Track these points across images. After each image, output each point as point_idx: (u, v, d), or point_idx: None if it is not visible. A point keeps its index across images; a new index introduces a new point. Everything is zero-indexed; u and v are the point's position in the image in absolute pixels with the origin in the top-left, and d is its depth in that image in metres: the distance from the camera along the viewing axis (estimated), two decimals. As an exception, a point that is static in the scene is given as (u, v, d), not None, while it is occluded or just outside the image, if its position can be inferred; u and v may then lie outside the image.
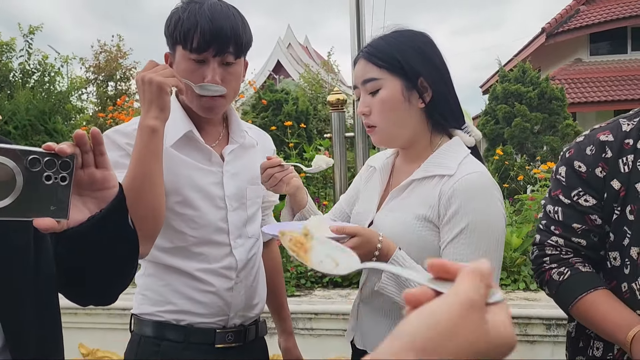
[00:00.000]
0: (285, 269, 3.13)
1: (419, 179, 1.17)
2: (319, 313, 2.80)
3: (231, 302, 1.34)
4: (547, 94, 6.30)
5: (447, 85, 1.21)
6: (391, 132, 1.20)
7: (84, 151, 0.74)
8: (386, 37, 1.21)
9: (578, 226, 1.12)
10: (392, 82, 1.16)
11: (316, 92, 12.20)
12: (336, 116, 3.86)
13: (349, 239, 1.05)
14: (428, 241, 1.13)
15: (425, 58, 1.18)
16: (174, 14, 1.25)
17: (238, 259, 1.35)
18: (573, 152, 1.15)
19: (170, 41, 1.26)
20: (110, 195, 0.78)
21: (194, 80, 1.23)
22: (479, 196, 1.09)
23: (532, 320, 2.67)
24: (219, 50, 1.21)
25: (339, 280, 3.13)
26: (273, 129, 5.20)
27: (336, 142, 3.90)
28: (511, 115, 6.32)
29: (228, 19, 1.22)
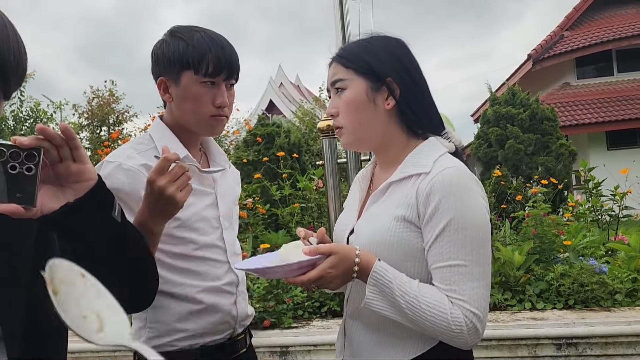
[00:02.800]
0: (282, 300, 3.02)
1: (396, 180, 1.13)
2: (318, 344, 2.68)
3: (236, 315, 1.39)
4: (538, 115, 6.31)
5: (420, 89, 1.17)
6: (358, 134, 1.17)
7: (57, 145, 0.78)
8: (359, 41, 1.21)
9: None
10: (357, 82, 1.15)
11: (309, 127, 12.28)
12: (327, 142, 3.81)
13: (325, 259, 1.00)
14: (410, 243, 1.07)
15: (395, 59, 1.16)
16: (174, 43, 1.29)
17: (238, 274, 1.42)
18: None
19: (173, 67, 1.29)
20: (87, 187, 0.82)
21: (204, 102, 1.30)
22: (458, 191, 1.03)
23: (541, 341, 2.55)
24: (229, 74, 1.31)
25: (337, 309, 3.02)
26: (266, 160, 5.16)
27: (328, 168, 3.84)
28: (504, 137, 6.31)
29: (232, 47, 1.34)
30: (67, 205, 0.80)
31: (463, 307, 1.00)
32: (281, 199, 4.85)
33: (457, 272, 1.01)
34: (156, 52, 1.33)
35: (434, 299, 1.00)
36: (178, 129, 1.36)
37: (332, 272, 1.00)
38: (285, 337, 2.75)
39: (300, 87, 26.82)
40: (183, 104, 1.31)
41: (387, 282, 1.01)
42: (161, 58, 1.31)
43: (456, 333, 0.99)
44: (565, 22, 14.96)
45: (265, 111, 21.64)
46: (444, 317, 0.99)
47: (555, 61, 14.17)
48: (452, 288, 1.01)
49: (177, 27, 1.34)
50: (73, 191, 0.82)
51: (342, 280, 1.03)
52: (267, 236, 4.19)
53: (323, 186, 4.68)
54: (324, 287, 1.04)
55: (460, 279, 1.01)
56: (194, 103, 1.30)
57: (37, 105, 11.86)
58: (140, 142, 1.35)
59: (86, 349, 2.87)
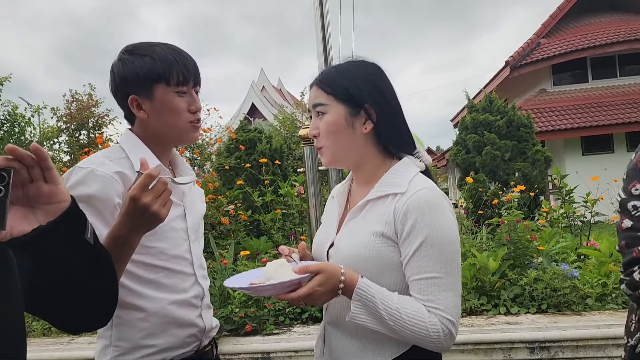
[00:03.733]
0: (263, 306, 3.05)
1: (373, 199, 1.21)
2: (299, 350, 2.72)
3: (203, 327, 1.40)
4: (514, 122, 6.45)
5: (395, 113, 1.26)
6: (337, 154, 1.26)
7: (27, 165, 0.77)
8: (338, 66, 1.27)
9: None
10: (336, 108, 1.22)
11: (290, 132, 12.30)
12: (308, 150, 3.86)
13: (313, 277, 1.07)
14: (387, 257, 1.16)
15: (373, 87, 1.23)
16: (138, 60, 1.30)
17: (204, 287, 1.43)
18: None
19: (143, 84, 1.30)
20: (60, 208, 0.81)
21: (181, 111, 1.33)
22: (432, 210, 1.13)
23: (515, 345, 2.64)
24: (196, 80, 1.36)
25: (318, 315, 3.06)
26: (248, 167, 5.18)
27: (309, 175, 3.89)
28: (481, 144, 6.43)
29: (190, 54, 1.37)
30: (39, 229, 0.78)
31: (439, 315, 1.10)
32: (263, 205, 4.88)
33: (433, 283, 1.11)
34: (120, 73, 1.32)
35: (413, 310, 1.09)
36: (150, 142, 1.37)
37: (319, 289, 1.07)
38: (267, 344, 2.78)
39: (283, 90, 26.81)
40: (162, 117, 1.33)
41: (371, 296, 1.09)
42: (128, 77, 1.31)
43: (434, 339, 1.09)
44: (542, 30, 15.28)
45: (247, 115, 21.58)
46: (423, 325, 1.08)
47: (532, 68, 14.45)
48: (429, 298, 1.11)
49: (133, 46, 1.36)
50: (44, 212, 0.80)
51: (328, 297, 1.10)
52: (248, 242, 4.22)
53: (304, 192, 4.73)
54: (312, 303, 1.10)
55: (436, 289, 1.11)
56: (173, 113, 1.32)
57: (15, 109, 11.65)
58: (112, 151, 1.35)
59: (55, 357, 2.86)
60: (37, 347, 2.99)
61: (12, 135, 11.38)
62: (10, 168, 0.74)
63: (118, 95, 1.36)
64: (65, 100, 13.84)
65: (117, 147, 1.37)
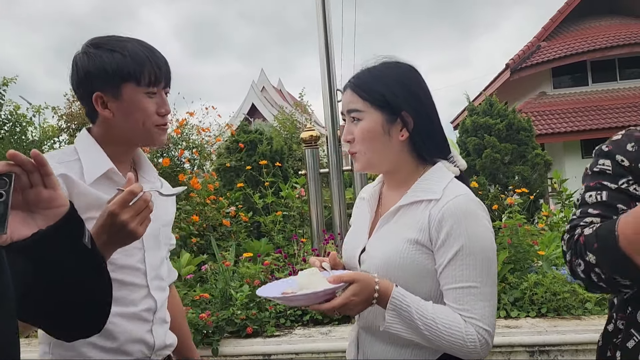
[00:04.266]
0: (264, 308, 3.07)
1: (406, 204, 1.20)
2: (300, 353, 2.74)
3: (153, 343, 1.32)
4: (515, 125, 6.47)
5: (431, 118, 1.24)
6: (371, 160, 1.25)
7: (28, 171, 0.79)
8: (373, 70, 1.25)
9: (623, 207, 1.06)
10: (373, 114, 1.20)
11: (290, 132, 12.31)
12: (310, 153, 3.88)
13: (347, 287, 1.07)
14: (422, 264, 1.15)
15: (409, 92, 1.21)
16: (107, 56, 1.22)
17: (157, 300, 1.33)
18: (612, 148, 1.14)
19: (111, 81, 1.23)
20: (59, 213, 0.82)
21: (149, 112, 1.26)
22: (468, 218, 1.12)
23: (515, 348, 2.65)
24: (167, 82, 1.30)
25: (319, 317, 3.08)
26: (248, 169, 5.19)
27: (311, 178, 3.91)
28: (481, 147, 6.46)
29: (161, 54, 1.30)
30: (39, 233, 0.80)
31: (476, 324, 1.09)
32: (264, 206, 4.90)
33: (468, 292, 1.10)
34: (85, 67, 1.24)
35: (449, 319, 1.09)
36: (110, 142, 1.29)
37: (354, 299, 1.07)
38: (268, 345, 2.80)
39: (283, 91, 26.83)
40: (129, 117, 1.26)
41: (405, 306, 1.09)
42: (94, 72, 1.22)
43: (470, 349, 1.08)
44: (542, 33, 15.32)
45: (247, 115, 21.59)
46: (459, 335, 1.08)
47: (533, 71, 14.49)
48: (465, 307, 1.10)
49: (100, 39, 1.27)
50: (43, 217, 0.82)
51: (363, 307, 1.10)
52: (249, 244, 4.23)
53: (305, 195, 4.74)
54: (347, 313, 1.10)
55: (472, 299, 1.10)
56: (140, 114, 1.26)
57: (17, 108, 11.64)
58: (65, 152, 1.28)
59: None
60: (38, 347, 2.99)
61: (14, 135, 11.37)
62: (12, 173, 0.76)
63: (80, 90, 1.28)
64: (66, 100, 13.86)
65: (71, 147, 1.30)
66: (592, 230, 1.03)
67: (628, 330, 1.09)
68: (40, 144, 11.64)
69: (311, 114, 15.87)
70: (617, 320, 1.14)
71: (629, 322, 1.10)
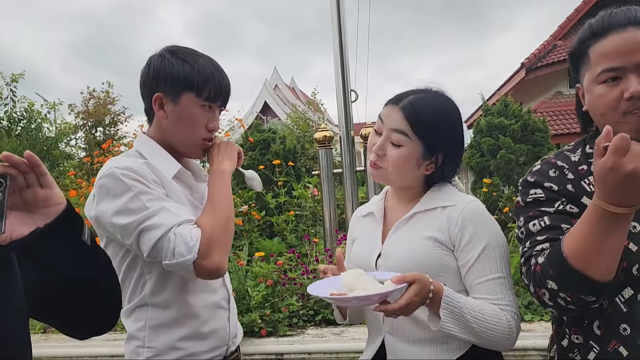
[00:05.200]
0: (278, 309, 3.08)
1: (421, 211, 1.29)
2: (312, 352, 2.75)
3: (229, 331, 1.42)
4: (530, 126, 6.41)
5: (458, 155, 1.33)
6: (392, 179, 1.32)
7: (23, 172, 0.81)
8: (426, 99, 1.28)
9: (567, 226, 1.10)
10: (414, 145, 1.25)
11: (303, 131, 12.33)
12: (323, 153, 3.89)
13: (410, 286, 1.08)
14: (443, 260, 1.23)
15: (451, 135, 1.29)
16: (179, 64, 1.32)
17: (229, 289, 1.45)
18: (537, 178, 1.19)
19: (174, 87, 1.32)
20: (56, 211, 0.84)
21: (199, 125, 1.36)
22: (487, 220, 1.25)
23: (529, 352, 2.64)
24: (224, 101, 1.39)
25: (331, 318, 3.08)
26: (261, 168, 5.21)
27: (324, 178, 3.92)
28: (496, 147, 6.40)
29: (227, 76, 1.40)
30: (37, 231, 0.81)
31: (510, 311, 1.19)
32: (276, 206, 4.91)
33: (499, 283, 1.20)
34: (156, 68, 1.34)
35: (491, 309, 1.17)
36: (164, 145, 1.38)
37: (415, 299, 1.08)
38: (281, 345, 2.81)
39: (295, 89, 26.86)
40: (178, 123, 1.34)
41: (457, 302, 1.14)
42: (162, 75, 1.33)
43: (511, 335, 1.17)
44: (559, 32, 15.13)
45: (259, 113, 21.65)
46: (503, 323, 1.16)
47: (548, 70, 14.31)
48: (499, 297, 1.19)
49: (178, 48, 1.37)
50: (42, 216, 0.83)
51: (418, 306, 1.11)
52: (262, 243, 4.26)
53: (318, 194, 4.75)
54: (404, 314, 1.10)
55: (504, 288, 1.20)
56: (190, 124, 1.34)
57: (31, 105, 11.79)
58: (132, 155, 1.36)
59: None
60: (56, 343, 3.05)
61: (29, 132, 11.53)
62: (7, 174, 0.78)
63: (144, 87, 1.37)
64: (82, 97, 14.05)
65: (133, 152, 1.38)
66: (544, 258, 1.06)
67: (587, 343, 1.10)
68: (56, 140, 11.79)
69: (324, 112, 15.87)
70: (572, 335, 1.15)
71: (587, 335, 1.11)
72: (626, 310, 1.04)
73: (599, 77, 1.10)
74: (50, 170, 9.47)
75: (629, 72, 1.07)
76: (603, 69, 1.09)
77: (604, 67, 1.09)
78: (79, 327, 0.99)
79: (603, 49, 1.10)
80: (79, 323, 0.97)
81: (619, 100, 1.07)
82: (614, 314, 1.05)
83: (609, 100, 1.09)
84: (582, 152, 1.21)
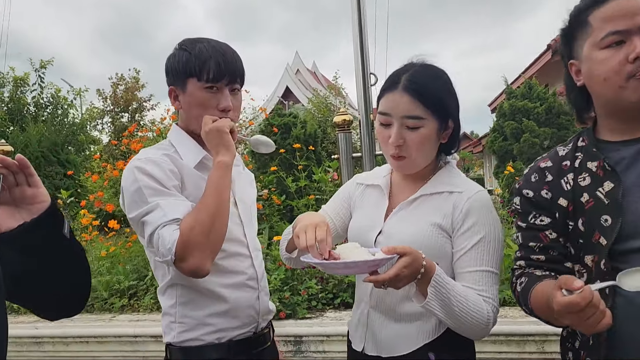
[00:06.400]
0: (297, 291, 3.11)
1: (427, 194, 1.30)
2: (331, 335, 2.77)
3: (259, 310, 1.47)
4: (555, 109, 6.28)
5: (460, 122, 1.33)
6: (419, 164, 1.31)
7: (14, 172, 0.92)
8: (427, 75, 1.27)
9: (534, 244, 1.22)
10: (432, 122, 1.25)
11: (325, 116, 12.29)
12: (343, 137, 3.86)
13: (400, 258, 1.09)
14: (442, 247, 1.25)
15: (456, 101, 1.30)
16: (179, 54, 1.39)
17: (257, 270, 1.48)
18: (522, 183, 1.27)
19: (179, 77, 1.39)
20: (41, 208, 0.95)
21: (208, 107, 1.38)
22: (490, 211, 1.26)
23: (549, 337, 2.60)
24: (230, 79, 1.39)
25: (350, 301, 3.10)
26: (282, 152, 5.22)
27: (343, 162, 3.90)
28: (519, 131, 6.29)
29: (234, 54, 1.41)
30: (24, 225, 0.92)
31: (492, 304, 1.21)
32: (296, 190, 4.93)
33: (487, 276, 1.23)
34: (167, 65, 1.43)
35: (475, 298, 1.19)
36: (190, 134, 1.45)
37: (405, 271, 1.09)
38: (300, 327, 2.84)
39: (317, 73, 26.72)
40: (190, 110, 1.40)
41: (445, 284, 1.15)
42: (170, 69, 1.41)
43: (487, 325, 1.20)
44: (587, 12, 14.67)
45: (281, 98, 21.65)
46: (483, 313, 1.19)
47: (576, 52, 13.93)
48: (484, 288, 1.22)
49: (184, 40, 1.44)
50: (28, 212, 0.94)
51: (408, 281, 1.12)
52: (282, 227, 4.28)
53: (338, 178, 4.74)
54: (393, 286, 1.11)
55: (489, 281, 1.23)
56: (200, 108, 1.38)
57: (58, 91, 12.00)
58: (164, 147, 1.44)
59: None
60: (80, 322, 3.13)
61: (55, 117, 11.75)
62: (0, 174, 0.90)
63: (167, 85, 1.45)
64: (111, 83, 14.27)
65: (166, 142, 1.47)
66: (518, 291, 1.20)
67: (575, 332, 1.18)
68: (82, 126, 12.00)
69: (345, 96, 15.79)
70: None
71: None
72: None
73: (603, 42, 1.09)
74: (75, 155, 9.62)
75: (634, 34, 1.06)
76: (607, 32, 1.08)
77: (609, 30, 1.08)
78: (53, 309, 1.09)
79: (607, 13, 1.09)
80: (52, 306, 1.08)
81: (623, 63, 1.07)
82: None
83: (613, 64, 1.08)
84: (573, 144, 1.23)
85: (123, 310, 3.38)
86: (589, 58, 1.13)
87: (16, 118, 11.11)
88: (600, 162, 1.13)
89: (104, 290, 3.49)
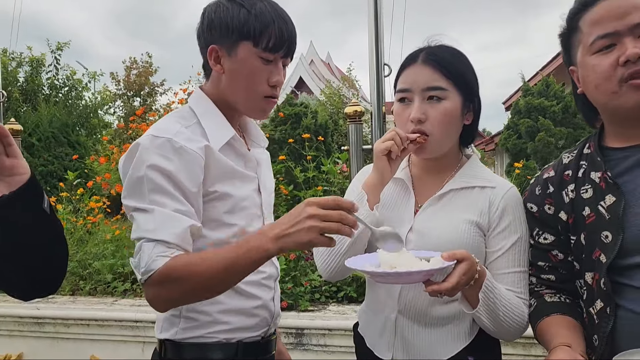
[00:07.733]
0: (299, 283, 3.07)
1: (457, 188, 1.23)
2: (333, 329, 2.73)
3: (273, 312, 1.32)
4: (571, 108, 6.16)
5: (480, 102, 1.28)
6: (442, 144, 1.22)
7: None
8: (449, 49, 1.23)
9: (543, 264, 1.21)
10: (456, 96, 1.19)
11: (337, 107, 12.22)
12: (353, 128, 3.81)
13: (458, 264, 1.03)
14: (478, 245, 1.19)
15: (476, 79, 1.24)
16: (234, 9, 1.17)
17: (277, 267, 1.36)
18: (527, 195, 1.25)
19: (230, 36, 1.17)
20: (21, 180, 0.90)
21: (259, 79, 1.19)
22: (523, 208, 1.23)
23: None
24: (288, 52, 1.21)
25: (353, 295, 3.06)
26: (291, 142, 5.18)
27: (353, 154, 3.84)
28: (534, 129, 6.19)
29: (292, 22, 1.22)
30: (3, 198, 0.88)
31: (527, 305, 1.19)
32: (305, 180, 4.88)
33: (523, 277, 1.20)
34: (210, 16, 1.20)
35: (516, 302, 1.16)
36: (221, 104, 1.24)
37: (464, 278, 1.02)
38: (301, 320, 2.80)
39: (331, 65, 26.61)
40: (236, 79, 1.20)
41: (494, 288, 1.11)
42: (217, 24, 1.18)
43: (524, 328, 1.18)
44: (609, 11, 14.42)
45: (294, 88, 21.59)
46: (523, 315, 1.16)
47: (595, 51, 13.72)
48: (521, 290, 1.19)
49: None
50: (6, 184, 0.89)
51: (463, 287, 1.05)
52: (289, 217, 4.24)
53: (347, 170, 4.69)
54: (450, 294, 1.03)
55: (525, 282, 1.21)
56: (249, 79, 1.19)
57: (73, 74, 12.05)
58: (183, 116, 1.21)
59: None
60: (82, 305, 3.12)
61: (69, 99, 11.80)
62: None
63: (200, 40, 1.24)
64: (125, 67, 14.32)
65: (186, 108, 1.25)
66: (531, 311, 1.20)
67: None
68: (95, 109, 12.03)
69: (359, 89, 15.69)
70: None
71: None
72: (597, 322, 1.07)
73: (593, 47, 1.04)
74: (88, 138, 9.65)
75: (624, 35, 1.01)
76: (596, 36, 1.03)
77: (597, 34, 1.03)
78: (25, 288, 1.04)
79: (595, 16, 1.04)
80: (25, 285, 1.02)
81: (614, 67, 1.01)
82: (589, 325, 1.10)
83: (603, 69, 1.02)
84: (578, 151, 1.18)
85: (125, 295, 3.37)
86: (582, 65, 1.09)
87: (30, 98, 11.17)
88: (603, 173, 1.09)
89: (108, 274, 3.48)
